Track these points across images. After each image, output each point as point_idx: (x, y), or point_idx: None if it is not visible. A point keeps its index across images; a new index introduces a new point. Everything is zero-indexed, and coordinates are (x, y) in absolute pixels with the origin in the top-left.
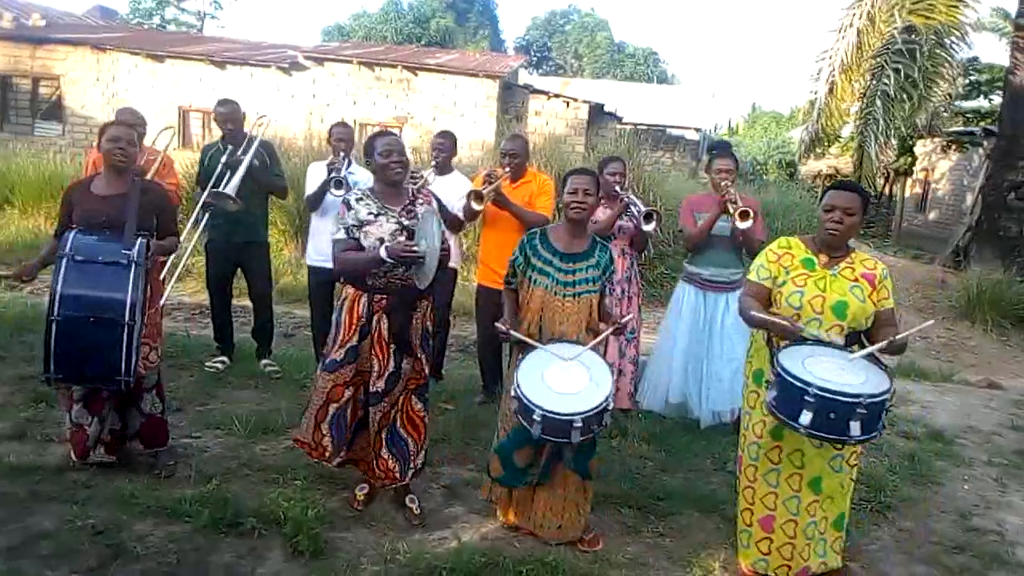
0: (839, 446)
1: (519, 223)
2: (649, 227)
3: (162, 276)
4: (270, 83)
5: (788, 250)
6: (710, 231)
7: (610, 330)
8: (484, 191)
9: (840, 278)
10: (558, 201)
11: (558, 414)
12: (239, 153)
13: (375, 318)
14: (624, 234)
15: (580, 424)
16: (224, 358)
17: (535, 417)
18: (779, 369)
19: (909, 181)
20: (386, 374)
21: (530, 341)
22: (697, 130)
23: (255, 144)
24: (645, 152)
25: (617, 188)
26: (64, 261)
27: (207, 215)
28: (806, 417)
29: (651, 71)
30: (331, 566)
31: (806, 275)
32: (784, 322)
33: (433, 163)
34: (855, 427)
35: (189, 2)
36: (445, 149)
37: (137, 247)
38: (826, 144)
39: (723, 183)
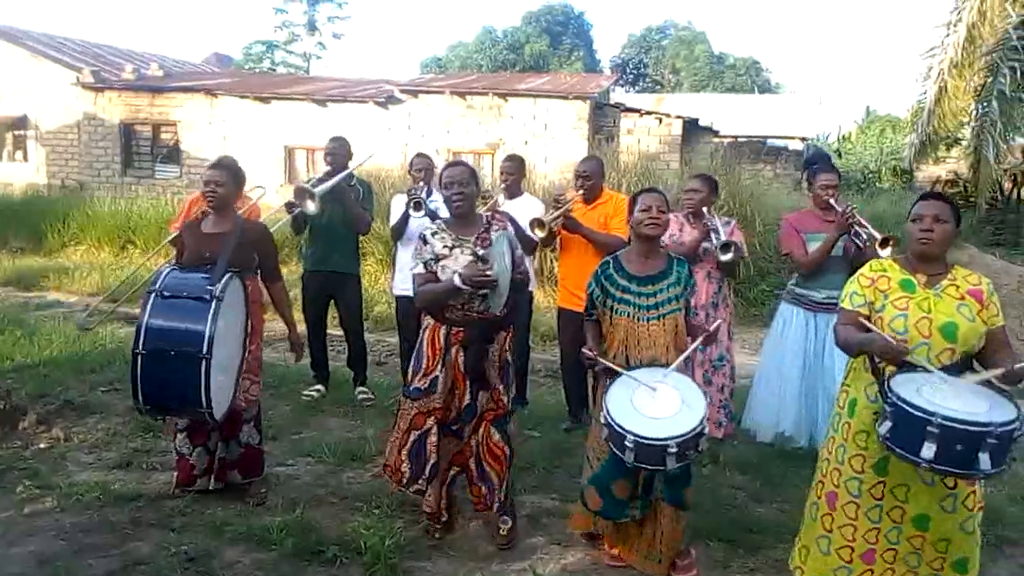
0: (951, 485)
1: (594, 245)
2: (725, 257)
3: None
4: (368, 117)
5: (883, 272)
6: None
7: (699, 341)
8: (546, 218)
9: (945, 297)
10: (630, 222)
11: (652, 439)
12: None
13: (453, 350)
14: (710, 256)
15: (675, 449)
16: (320, 387)
17: (627, 443)
18: (894, 398)
19: None
20: (463, 407)
21: (618, 368)
22: (803, 139)
23: (350, 168)
24: (743, 165)
25: (705, 209)
26: (152, 296)
27: (289, 219)
28: (929, 450)
29: (753, 81)
30: None
31: (907, 297)
32: (889, 337)
33: (503, 187)
34: (984, 459)
35: (296, 44)
36: (513, 172)
37: (223, 283)
38: (943, 147)
39: (832, 200)
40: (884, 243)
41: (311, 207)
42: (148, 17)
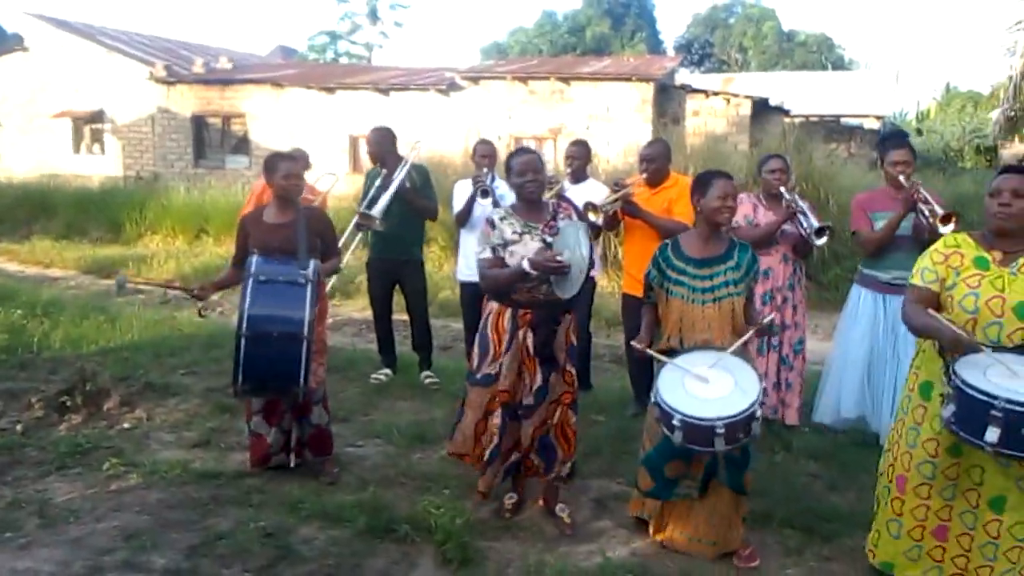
0: None
1: (657, 231)
2: (820, 242)
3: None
4: (430, 105)
5: (956, 248)
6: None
7: (751, 332)
8: (600, 204)
9: (1021, 276)
10: (697, 205)
11: (699, 419)
12: (393, 175)
13: (520, 332)
14: (787, 239)
15: (723, 431)
16: (387, 370)
17: (675, 423)
18: (958, 382)
19: None
20: (535, 388)
21: (663, 359)
22: (878, 118)
23: (406, 167)
24: (816, 145)
25: (782, 190)
26: (250, 282)
27: (360, 235)
28: (992, 434)
29: (825, 58)
30: (479, 575)
31: (979, 275)
32: (959, 331)
33: (567, 171)
34: None
35: (358, 34)
36: (579, 157)
37: (311, 267)
38: None
39: (902, 177)
40: (946, 219)
41: (378, 226)
42: (214, 11)
